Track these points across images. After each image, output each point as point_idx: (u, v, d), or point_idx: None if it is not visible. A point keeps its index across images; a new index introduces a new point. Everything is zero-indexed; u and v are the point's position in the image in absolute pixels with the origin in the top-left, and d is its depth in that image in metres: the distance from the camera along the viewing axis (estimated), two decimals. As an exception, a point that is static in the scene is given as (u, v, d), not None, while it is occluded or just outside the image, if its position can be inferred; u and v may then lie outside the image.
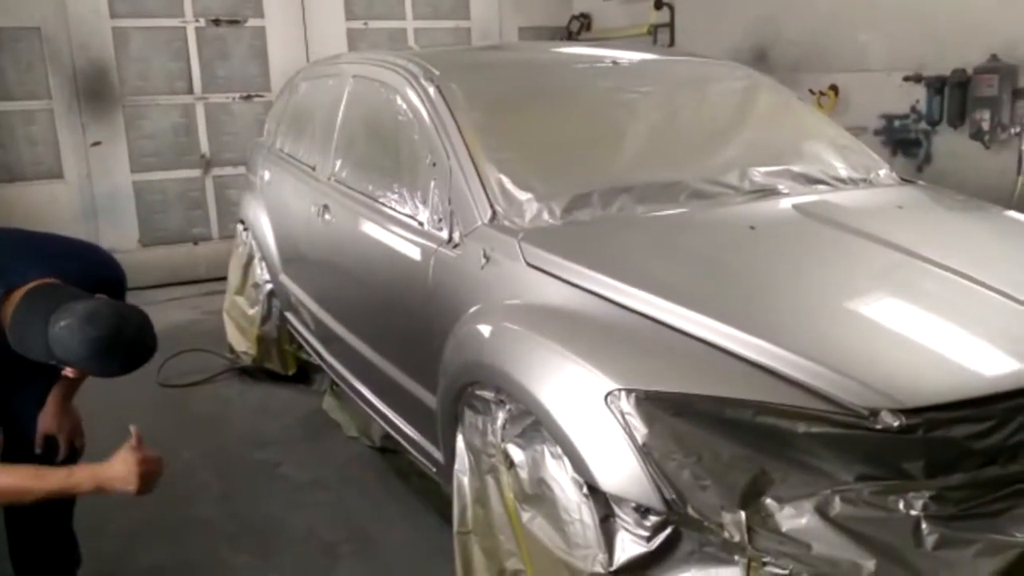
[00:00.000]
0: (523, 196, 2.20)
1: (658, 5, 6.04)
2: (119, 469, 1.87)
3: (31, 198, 5.60)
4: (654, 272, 1.86)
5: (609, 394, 1.55)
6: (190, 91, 5.95)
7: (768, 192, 2.40)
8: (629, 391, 1.53)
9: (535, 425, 1.74)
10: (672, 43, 6.01)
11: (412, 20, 6.54)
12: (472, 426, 2.02)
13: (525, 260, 1.99)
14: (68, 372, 1.89)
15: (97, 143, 5.75)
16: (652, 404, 1.51)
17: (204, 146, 6.07)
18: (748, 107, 2.86)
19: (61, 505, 2.32)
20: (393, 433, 2.80)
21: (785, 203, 2.33)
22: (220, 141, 6.10)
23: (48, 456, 2.17)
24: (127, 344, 1.78)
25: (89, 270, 1.96)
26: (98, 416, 2.43)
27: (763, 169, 2.48)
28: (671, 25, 6.05)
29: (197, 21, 5.87)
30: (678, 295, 1.72)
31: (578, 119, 2.59)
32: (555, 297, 1.87)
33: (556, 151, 2.46)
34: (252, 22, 6.03)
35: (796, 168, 2.55)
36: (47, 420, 2.17)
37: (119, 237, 5.88)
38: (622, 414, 1.52)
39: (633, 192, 2.26)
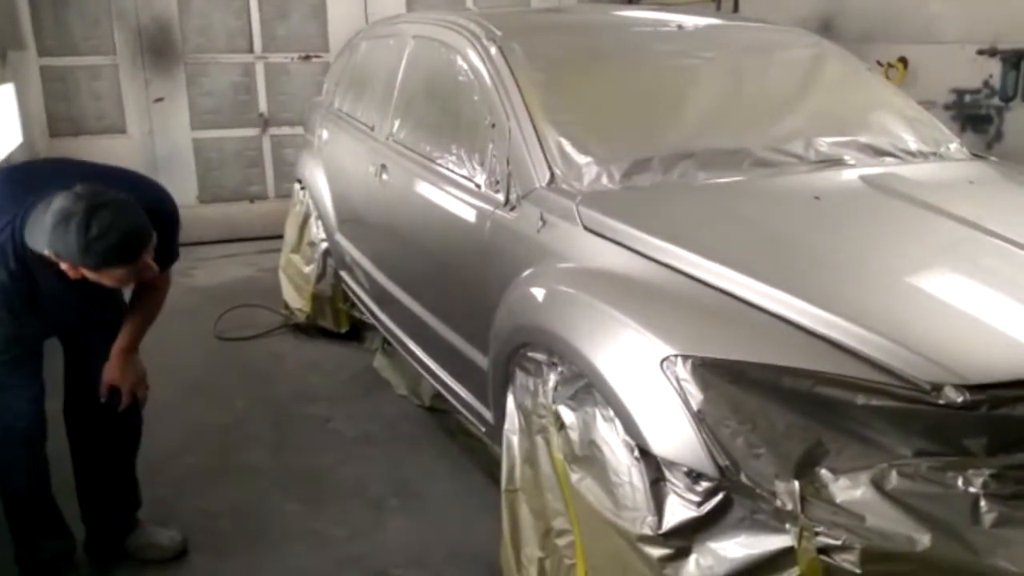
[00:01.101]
0: (582, 160, 2.19)
1: (722, -30, 5.89)
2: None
3: (95, 152, 5.71)
4: (714, 239, 1.84)
5: (665, 359, 1.54)
6: (250, 50, 6.01)
7: (834, 163, 2.35)
8: (685, 357, 1.52)
9: (587, 388, 1.75)
10: (736, 9, 5.86)
11: (472, -20, 6.48)
12: (523, 387, 2.04)
13: (583, 224, 1.98)
14: (66, 268, 1.88)
15: (159, 99, 5.86)
16: (708, 370, 1.50)
17: (263, 105, 6.13)
18: (815, 76, 2.78)
19: (126, 450, 2.42)
20: (443, 392, 2.84)
21: (851, 174, 2.27)
22: (278, 101, 6.16)
23: (111, 405, 2.26)
24: (105, 225, 1.80)
25: (140, 199, 1.99)
26: (157, 366, 2.51)
27: (829, 139, 2.42)
28: (735, -10, 5.90)
29: (258, -22, 5.90)
30: (738, 263, 1.70)
31: (640, 83, 2.56)
32: (612, 262, 1.86)
33: (617, 115, 2.43)
34: (312, -19, 6.04)
35: (863, 139, 2.49)
36: (111, 370, 2.24)
37: (178, 193, 5.89)
38: (677, 380, 1.52)
39: (695, 158, 2.23)
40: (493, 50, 2.56)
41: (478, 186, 2.46)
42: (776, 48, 2.90)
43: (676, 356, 1.53)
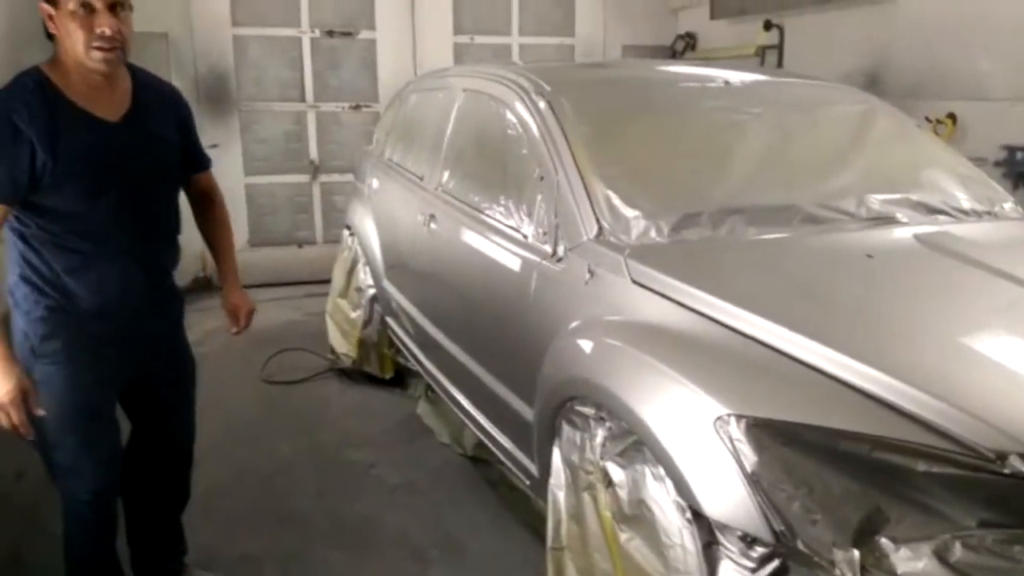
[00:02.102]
0: (631, 213, 2.20)
1: (767, 26, 5.92)
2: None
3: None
4: (766, 296, 1.82)
5: (718, 419, 1.52)
6: (302, 99, 6.19)
7: (886, 220, 2.33)
8: (739, 417, 1.50)
9: (637, 445, 1.74)
10: (780, 65, 5.89)
11: (518, 36, 6.63)
12: (570, 441, 2.03)
13: (631, 277, 1.98)
14: (47, 11, 1.84)
15: (214, 146, 6.04)
16: (763, 431, 1.48)
17: (313, 153, 6.30)
18: (864, 132, 2.77)
19: (180, 499, 2.47)
20: (487, 442, 2.83)
21: (904, 232, 2.24)
22: (328, 149, 6.32)
23: (176, 454, 2.36)
24: None
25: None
26: (205, 408, 2.55)
27: (881, 196, 2.40)
28: (780, 47, 5.93)
29: (312, 32, 6.10)
30: (792, 321, 1.68)
31: (688, 138, 2.58)
32: (661, 316, 1.86)
33: (665, 169, 2.45)
34: (364, 34, 6.23)
35: (915, 197, 2.46)
36: (239, 296, 2.36)
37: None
38: (731, 440, 1.50)
39: (744, 214, 2.22)
40: (542, 104, 2.61)
41: (525, 237, 2.48)
42: (824, 104, 2.91)
43: (730, 415, 1.51)
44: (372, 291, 4.10)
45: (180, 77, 5.83)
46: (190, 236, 2.37)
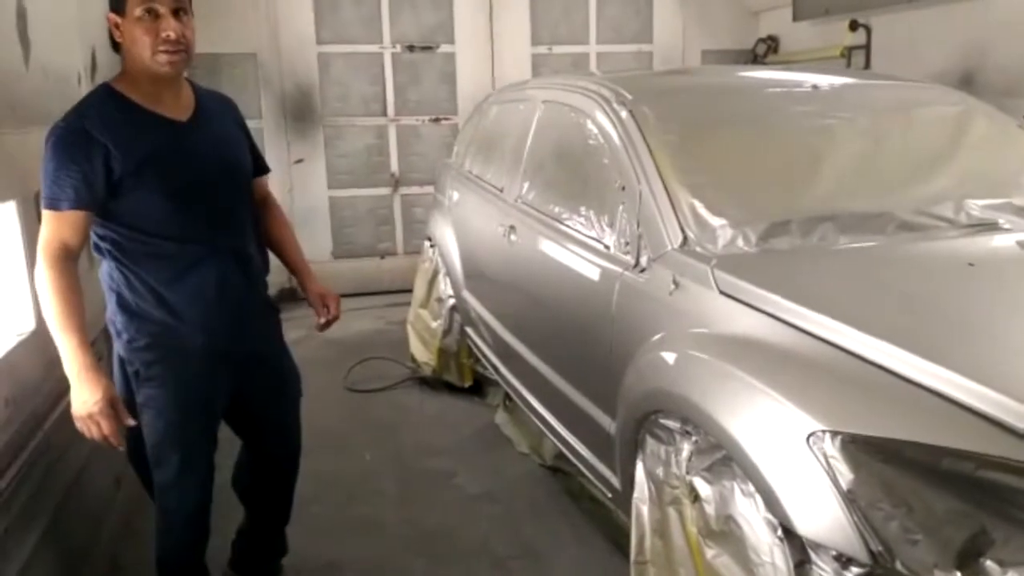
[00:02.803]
0: (716, 222, 2.16)
1: (853, 26, 5.74)
2: (84, 394, 1.85)
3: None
4: (861, 307, 1.76)
5: (812, 435, 1.47)
6: (384, 113, 6.33)
7: (987, 226, 2.21)
8: (834, 433, 1.45)
9: (725, 460, 1.70)
10: (868, 66, 5.70)
11: (595, 45, 6.62)
12: (654, 455, 2.00)
13: (718, 287, 1.94)
14: (113, 26, 1.90)
15: (299, 160, 6.23)
16: (859, 448, 1.43)
17: (394, 165, 6.42)
18: (962, 134, 2.65)
19: (282, 511, 2.56)
20: (567, 453, 2.82)
21: (1007, 239, 2.13)
22: (409, 161, 6.44)
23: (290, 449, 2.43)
24: None
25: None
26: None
27: (981, 202, 2.29)
28: (867, 47, 5.74)
29: (394, 47, 6.23)
30: (889, 332, 1.61)
31: (775, 145, 2.51)
32: (750, 328, 1.81)
33: (752, 177, 2.39)
34: (443, 48, 6.33)
35: (1019, 201, 2.34)
36: (320, 287, 2.40)
37: (314, 249, 6.31)
38: (825, 457, 1.45)
39: (835, 222, 2.16)
40: (624, 113, 2.59)
41: (607, 247, 2.47)
42: (918, 105, 2.80)
43: (824, 432, 1.46)
44: (452, 301, 4.15)
45: (268, 94, 6.04)
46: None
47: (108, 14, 1.91)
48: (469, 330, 4.00)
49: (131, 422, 1.93)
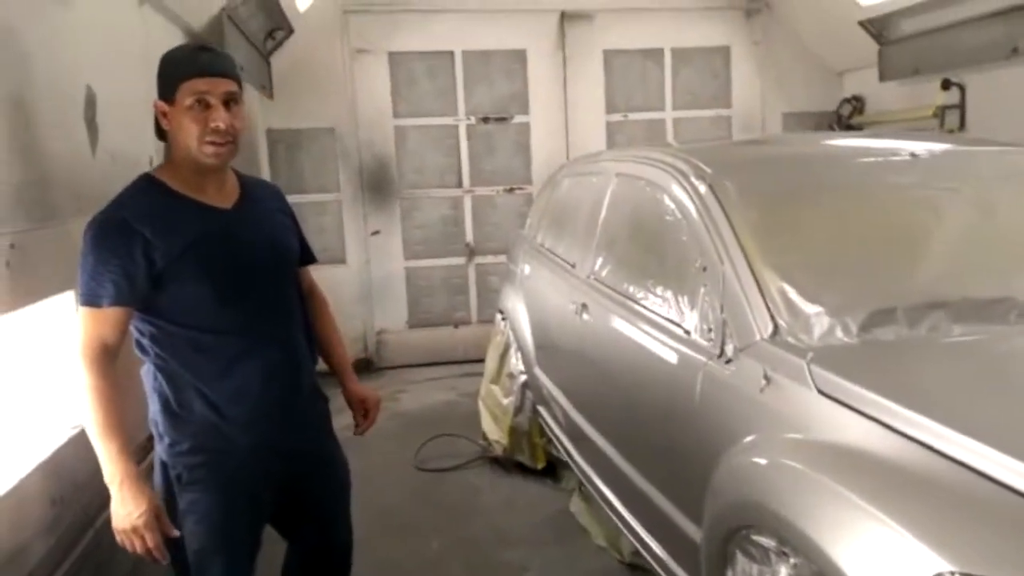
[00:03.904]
0: (811, 309, 1.95)
1: (946, 85, 5.46)
2: (127, 507, 1.74)
3: (317, 279, 6.17)
4: (990, 415, 1.52)
5: (939, 576, 1.24)
6: (459, 184, 6.33)
7: None
8: (967, 576, 1.22)
9: (831, 593, 1.46)
10: (962, 127, 5.38)
11: (671, 111, 6.50)
12: (746, 574, 1.77)
13: (816, 387, 1.73)
14: (161, 115, 1.87)
15: (376, 232, 6.26)
16: (998, 596, 1.19)
17: (469, 235, 6.39)
18: (1089, 206, 2.38)
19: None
20: (645, 555, 2.58)
21: None
22: (483, 231, 6.40)
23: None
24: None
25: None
26: (357, 495, 2.47)
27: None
28: (961, 107, 5.43)
29: (468, 119, 6.26)
30: (1025, 449, 1.37)
31: (873, 221, 2.29)
32: (855, 436, 1.59)
33: (848, 258, 2.18)
34: (517, 119, 6.33)
35: None
36: (363, 391, 2.32)
37: (390, 318, 6.33)
38: (955, 603, 1.21)
39: (948, 309, 1.92)
40: (703, 188, 2.43)
41: (687, 332, 2.28)
42: (1035, 174, 2.54)
43: (953, 574, 1.23)
44: (523, 377, 4.00)
45: (345, 167, 6.13)
46: (349, 316, 2.35)
47: (155, 101, 1.87)
48: (541, 409, 3.82)
49: (176, 533, 1.82)
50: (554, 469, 4.04)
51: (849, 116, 6.48)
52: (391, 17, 6.04)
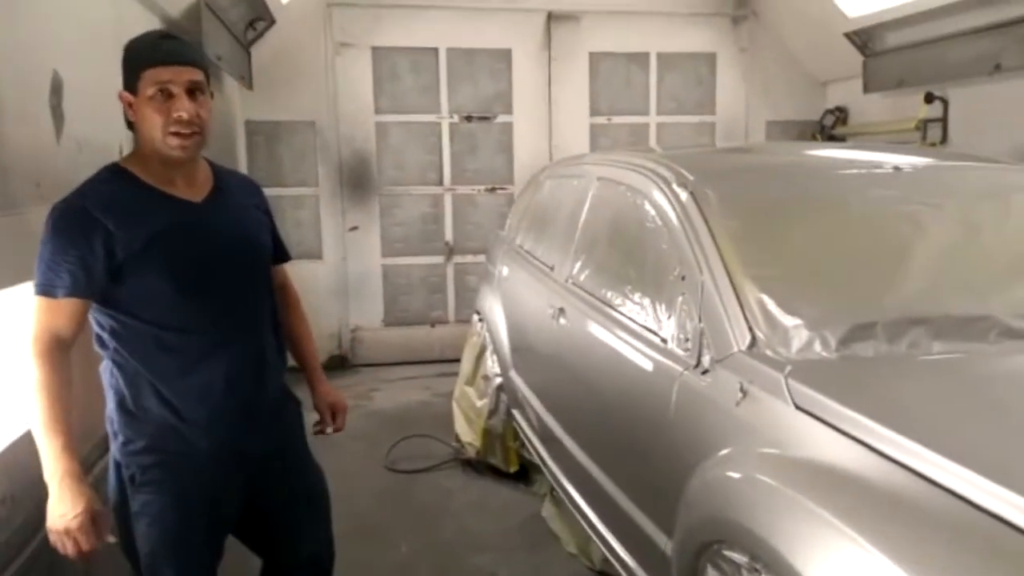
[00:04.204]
0: (790, 322, 1.92)
1: (929, 98, 5.48)
2: (62, 506, 1.67)
3: (292, 274, 6.06)
4: (969, 436, 1.49)
5: (917, 604, 1.21)
6: (440, 182, 6.26)
7: (1109, 332, 1.93)
8: (942, 603, 1.19)
9: (804, 614, 1.43)
10: (944, 140, 5.41)
11: (655, 116, 6.48)
12: (717, 590, 1.73)
13: (793, 402, 1.69)
14: (126, 106, 1.80)
15: (354, 228, 6.18)
16: (975, 625, 1.16)
17: (448, 234, 6.33)
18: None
19: None
20: (615, 564, 2.54)
21: None
22: (463, 230, 6.34)
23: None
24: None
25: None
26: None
27: (1098, 302, 2.00)
28: (944, 120, 5.46)
29: (451, 117, 6.20)
30: (1008, 472, 1.34)
31: (855, 234, 2.26)
32: (834, 454, 1.55)
33: (829, 271, 2.15)
34: (501, 118, 6.27)
35: None
36: (332, 394, 2.27)
37: (365, 316, 6.25)
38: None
39: (928, 325, 1.89)
40: (684, 196, 2.39)
41: (664, 341, 2.24)
42: (1019, 191, 2.52)
43: (931, 602, 1.20)
44: (499, 380, 3.95)
45: (325, 162, 6.05)
46: (325, 312, 2.30)
47: (121, 92, 1.80)
48: (516, 412, 3.78)
49: (111, 539, 1.73)
50: (527, 473, 4.00)
51: (832, 126, 6.50)
52: (375, 11, 5.96)
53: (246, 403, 1.92)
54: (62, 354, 1.72)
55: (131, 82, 1.77)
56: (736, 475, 1.73)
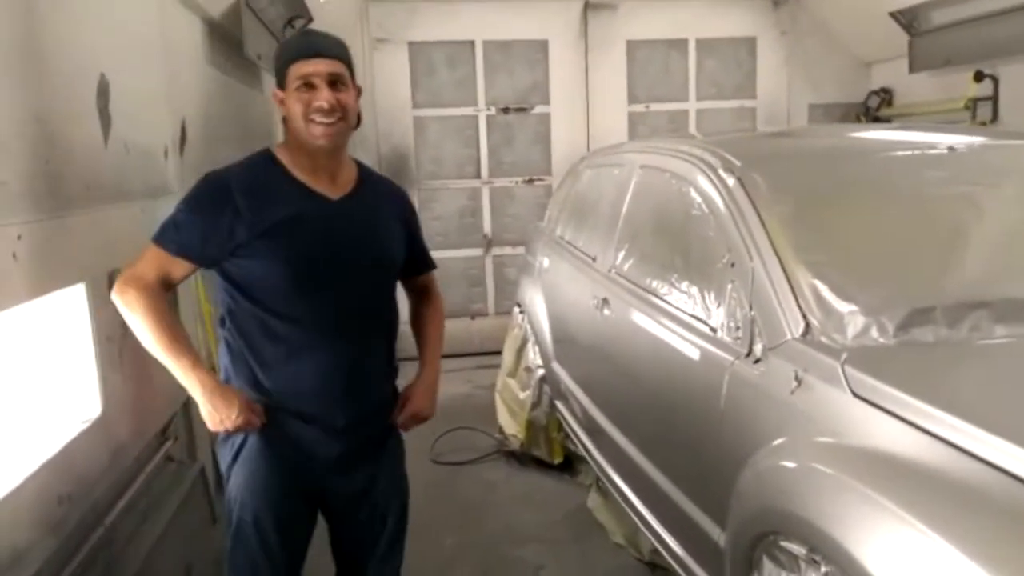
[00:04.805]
0: (845, 308, 1.87)
1: (979, 76, 5.32)
2: (219, 414, 1.84)
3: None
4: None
5: (982, 592, 1.17)
6: (477, 175, 6.26)
7: None
8: (1012, 592, 1.15)
9: (865, 606, 1.39)
10: (995, 119, 5.25)
11: (695, 102, 6.39)
12: (774, 581, 1.70)
13: (851, 389, 1.65)
14: (278, 101, 1.91)
15: (393, 223, 6.20)
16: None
17: (487, 227, 6.32)
18: None
19: None
20: (665, 555, 2.52)
21: None
22: (501, 222, 6.33)
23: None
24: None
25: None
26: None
27: None
28: (994, 99, 5.29)
29: (488, 110, 6.19)
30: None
31: (911, 217, 2.20)
32: (893, 442, 1.51)
33: (883, 254, 2.09)
34: (538, 109, 6.24)
35: None
36: (424, 400, 2.18)
37: (406, 309, 6.25)
38: (1000, 621, 1.14)
39: (990, 308, 1.83)
40: (731, 181, 2.35)
41: (714, 330, 2.20)
42: (1078, 168, 2.43)
43: (1002, 591, 1.16)
44: (541, 372, 3.94)
45: (363, 157, 6.03)
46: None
47: (274, 90, 1.92)
48: (559, 404, 3.76)
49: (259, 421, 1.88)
50: (571, 464, 3.99)
51: (877, 108, 6.35)
52: (411, 5, 5.97)
53: (338, 404, 1.95)
54: (157, 292, 1.82)
55: (280, 79, 1.89)
56: (792, 464, 1.69)
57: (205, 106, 3.34)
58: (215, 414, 1.83)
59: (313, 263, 1.87)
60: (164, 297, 1.84)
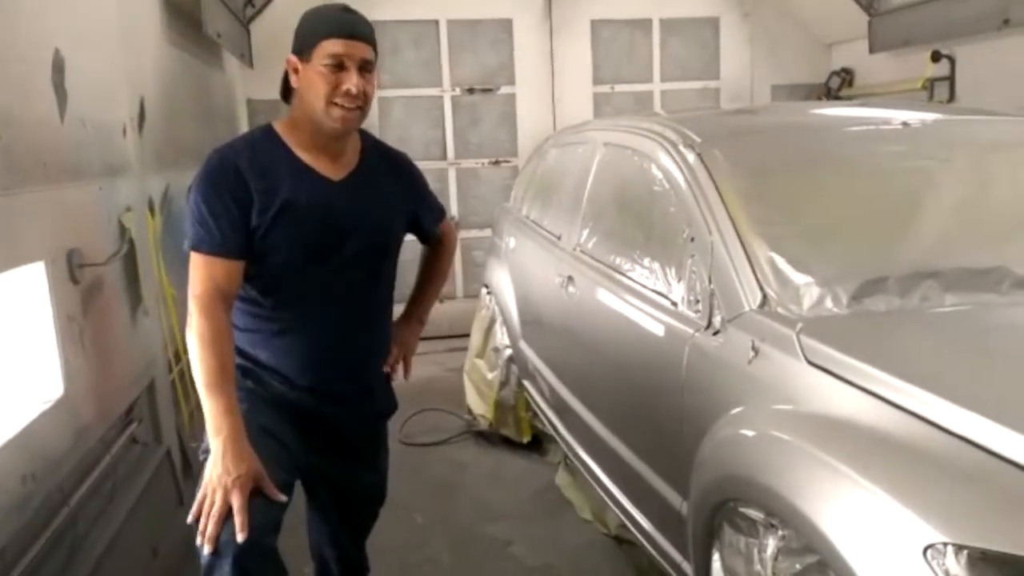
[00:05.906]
0: (801, 279, 1.92)
1: (936, 57, 5.42)
2: (224, 465, 1.66)
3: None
4: (982, 385, 1.49)
5: (930, 547, 1.22)
6: (443, 157, 6.24)
7: (1122, 281, 1.91)
8: (959, 547, 1.19)
9: (820, 566, 1.44)
10: (952, 99, 5.35)
11: (659, 83, 6.43)
12: (733, 547, 1.75)
13: (805, 357, 1.69)
14: (292, 75, 1.86)
15: (359, 205, 6.17)
16: (992, 567, 1.17)
17: (454, 209, 6.31)
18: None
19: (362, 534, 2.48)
20: (631, 528, 2.57)
21: None
22: (468, 204, 6.32)
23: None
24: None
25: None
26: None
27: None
28: (951, 79, 5.40)
29: (453, 90, 6.16)
30: (1016, 416, 1.35)
31: (864, 191, 2.25)
32: (846, 407, 1.56)
33: (838, 227, 2.14)
34: (504, 90, 6.23)
35: None
36: (410, 340, 2.33)
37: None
38: (948, 575, 1.19)
39: (940, 278, 1.89)
40: (691, 157, 2.38)
41: (674, 304, 2.24)
42: (1027, 143, 2.50)
43: (946, 544, 1.20)
44: (509, 352, 3.96)
45: (328, 139, 6.01)
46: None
47: (289, 56, 1.84)
48: (527, 383, 3.79)
49: (283, 498, 1.72)
50: (540, 443, 4.02)
51: (838, 88, 6.43)
52: (374, -16, 5.91)
53: (330, 377, 1.97)
54: (223, 307, 1.77)
55: (304, 49, 1.81)
56: (750, 432, 1.73)
57: (164, 84, 3.29)
58: (220, 465, 1.65)
59: (304, 248, 1.86)
60: (224, 316, 1.77)
